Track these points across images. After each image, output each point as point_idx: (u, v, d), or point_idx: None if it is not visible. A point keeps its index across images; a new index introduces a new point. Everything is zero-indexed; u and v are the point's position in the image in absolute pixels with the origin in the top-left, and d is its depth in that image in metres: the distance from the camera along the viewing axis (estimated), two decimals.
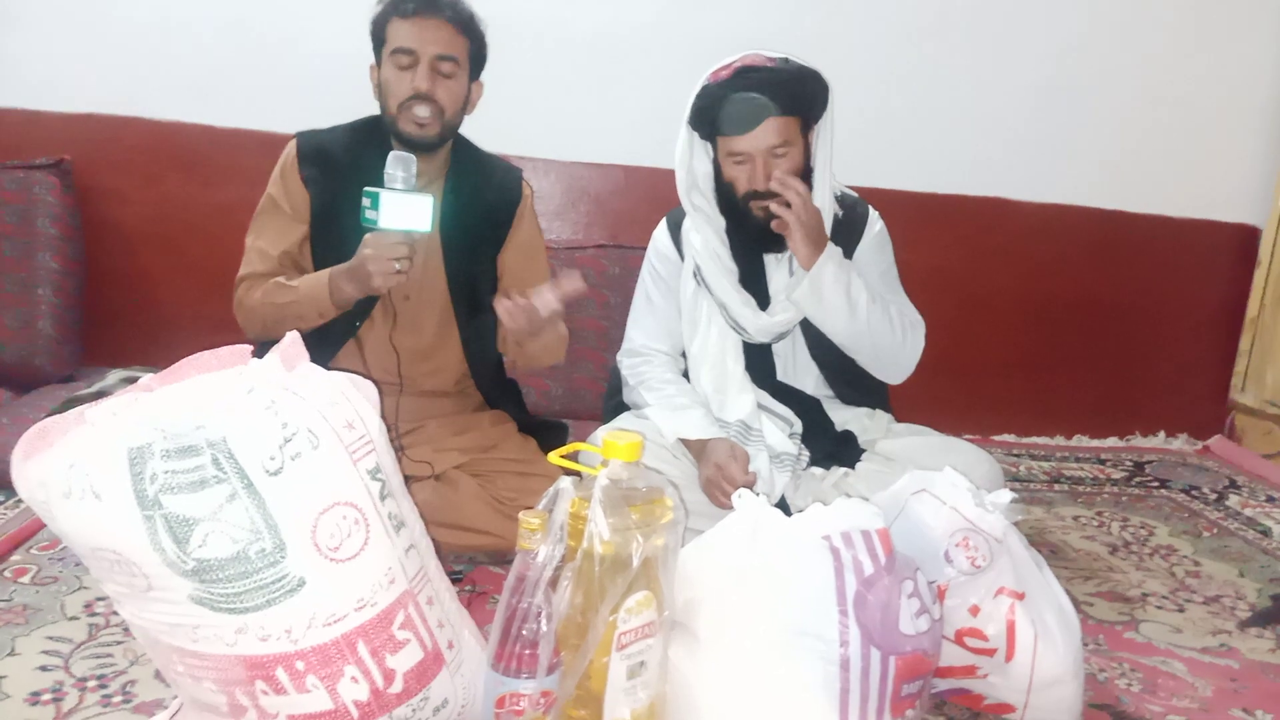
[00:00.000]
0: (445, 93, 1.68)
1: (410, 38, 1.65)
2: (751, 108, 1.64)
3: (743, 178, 1.69)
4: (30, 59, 2.39)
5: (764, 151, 1.66)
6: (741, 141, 1.66)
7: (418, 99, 1.65)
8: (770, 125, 1.65)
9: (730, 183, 1.71)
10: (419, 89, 1.65)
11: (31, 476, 1.00)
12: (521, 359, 1.81)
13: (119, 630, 1.42)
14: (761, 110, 1.64)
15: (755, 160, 1.67)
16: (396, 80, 1.67)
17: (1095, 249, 2.85)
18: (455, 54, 1.68)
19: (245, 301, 1.72)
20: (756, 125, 1.64)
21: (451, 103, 1.69)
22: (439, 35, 1.66)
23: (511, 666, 1.07)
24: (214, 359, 1.08)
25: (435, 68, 1.66)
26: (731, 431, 1.76)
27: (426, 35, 1.66)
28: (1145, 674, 1.56)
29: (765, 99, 1.64)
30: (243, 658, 0.99)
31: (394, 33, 1.67)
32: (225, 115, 2.44)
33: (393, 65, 1.67)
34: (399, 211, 1.50)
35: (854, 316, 1.70)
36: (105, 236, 2.43)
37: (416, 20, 1.66)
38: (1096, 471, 2.65)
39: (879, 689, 1.14)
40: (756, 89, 1.64)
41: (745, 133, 1.65)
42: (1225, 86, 2.84)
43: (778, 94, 1.64)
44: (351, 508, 1.03)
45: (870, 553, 1.19)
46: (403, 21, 1.66)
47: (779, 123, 1.65)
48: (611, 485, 1.11)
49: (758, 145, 1.66)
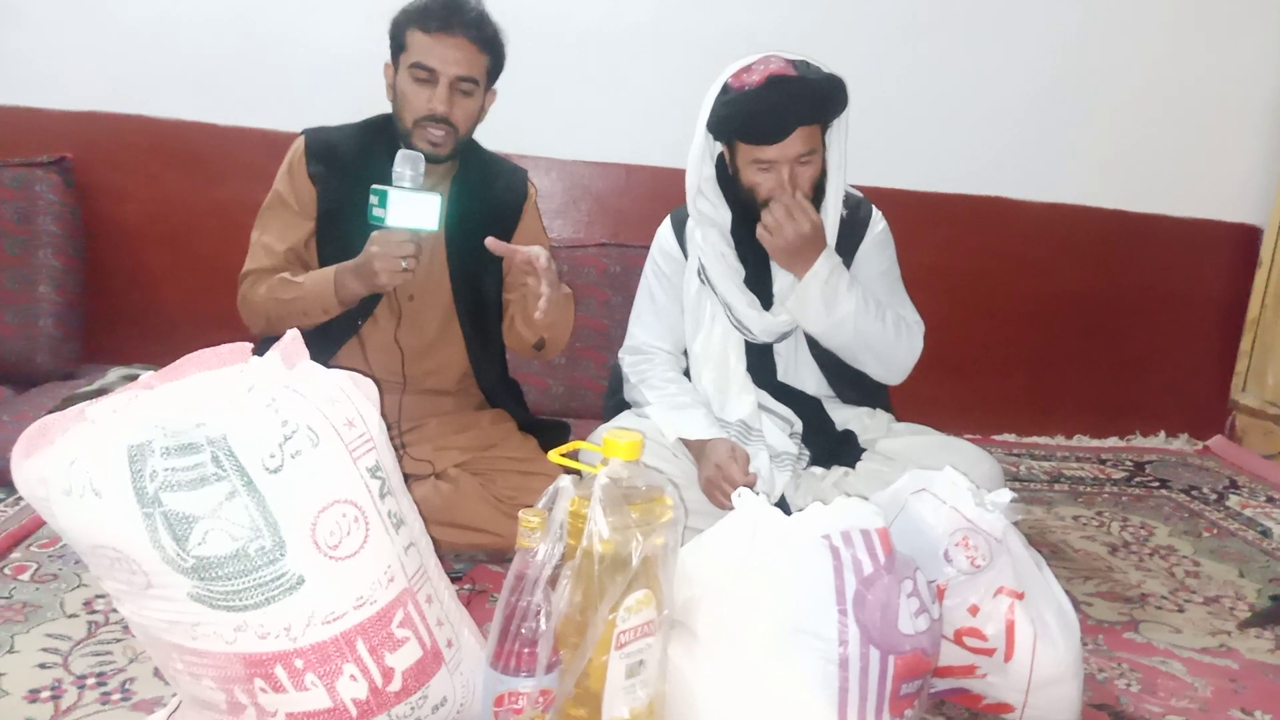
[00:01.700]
0: (461, 112, 1.66)
1: (431, 55, 1.62)
2: (783, 119, 1.63)
3: (767, 184, 1.68)
4: (32, 56, 2.39)
5: (791, 160, 1.66)
6: (770, 151, 1.65)
7: (433, 120, 1.63)
8: (799, 135, 1.64)
9: (751, 188, 1.71)
10: (435, 111, 1.63)
11: (32, 473, 1.01)
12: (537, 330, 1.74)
13: (118, 628, 1.42)
14: (793, 122, 1.63)
15: (780, 168, 1.66)
16: (414, 94, 1.64)
17: (1095, 248, 2.85)
18: (475, 74, 1.65)
19: (249, 297, 1.71)
20: (787, 136, 1.64)
21: (467, 120, 1.68)
22: (461, 56, 1.63)
23: (510, 665, 1.07)
24: (214, 356, 1.08)
25: (454, 88, 1.63)
26: (732, 431, 1.76)
27: (448, 55, 1.62)
28: (1144, 674, 1.56)
29: (797, 110, 1.63)
30: (242, 655, 1.00)
31: (414, 44, 1.63)
32: (227, 113, 2.44)
33: (410, 78, 1.64)
34: (407, 210, 1.49)
35: (840, 328, 1.72)
36: (106, 234, 2.43)
37: (439, 38, 1.62)
38: (1097, 471, 2.65)
39: (878, 688, 1.15)
40: (788, 101, 1.63)
41: (775, 143, 1.65)
42: (1226, 85, 2.83)
43: (807, 105, 1.64)
44: (351, 505, 1.03)
45: (870, 552, 1.19)
46: (424, 36, 1.62)
47: (806, 131, 1.65)
48: (611, 484, 1.11)
49: (786, 154, 1.65)
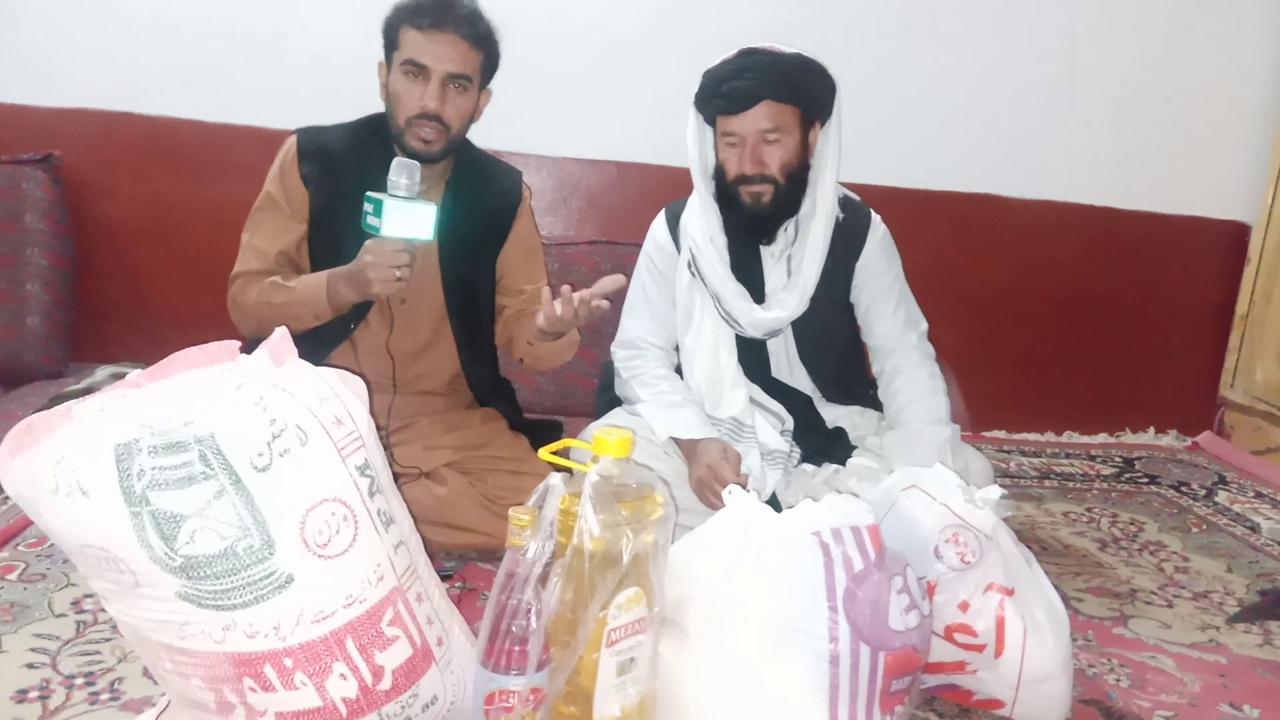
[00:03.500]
0: (454, 110, 1.64)
1: (423, 52, 1.60)
2: (747, 87, 1.63)
3: (733, 160, 1.69)
4: (20, 53, 2.37)
5: (755, 134, 1.65)
6: (734, 122, 1.66)
7: (425, 118, 1.61)
8: (764, 108, 1.64)
9: (722, 165, 1.71)
10: (427, 108, 1.61)
11: (18, 473, 1.00)
12: (532, 358, 1.78)
13: (107, 627, 1.41)
14: (756, 91, 1.63)
15: (746, 143, 1.66)
16: (406, 92, 1.62)
17: (1086, 245, 2.86)
18: (468, 71, 1.64)
19: (240, 300, 1.69)
20: (750, 106, 1.64)
21: (459, 119, 1.66)
22: (453, 53, 1.61)
23: (501, 663, 1.07)
24: (202, 355, 1.07)
25: (445, 85, 1.62)
26: (724, 429, 1.76)
27: (440, 52, 1.60)
28: (1134, 669, 1.56)
29: (761, 80, 1.63)
30: (231, 655, 0.99)
31: (406, 41, 1.62)
32: (217, 110, 2.43)
33: (402, 75, 1.62)
34: (402, 220, 1.46)
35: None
36: (95, 232, 2.42)
37: (431, 34, 1.60)
38: (1086, 468, 2.65)
39: (868, 684, 1.15)
40: (754, 70, 1.64)
41: (739, 113, 1.65)
42: (1216, 83, 2.85)
43: (774, 78, 1.64)
44: (340, 504, 1.03)
45: (860, 549, 1.19)
46: (416, 33, 1.60)
47: (774, 107, 1.65)
48: (602, 482, 1.11)
49: (749, 127, 1.65)
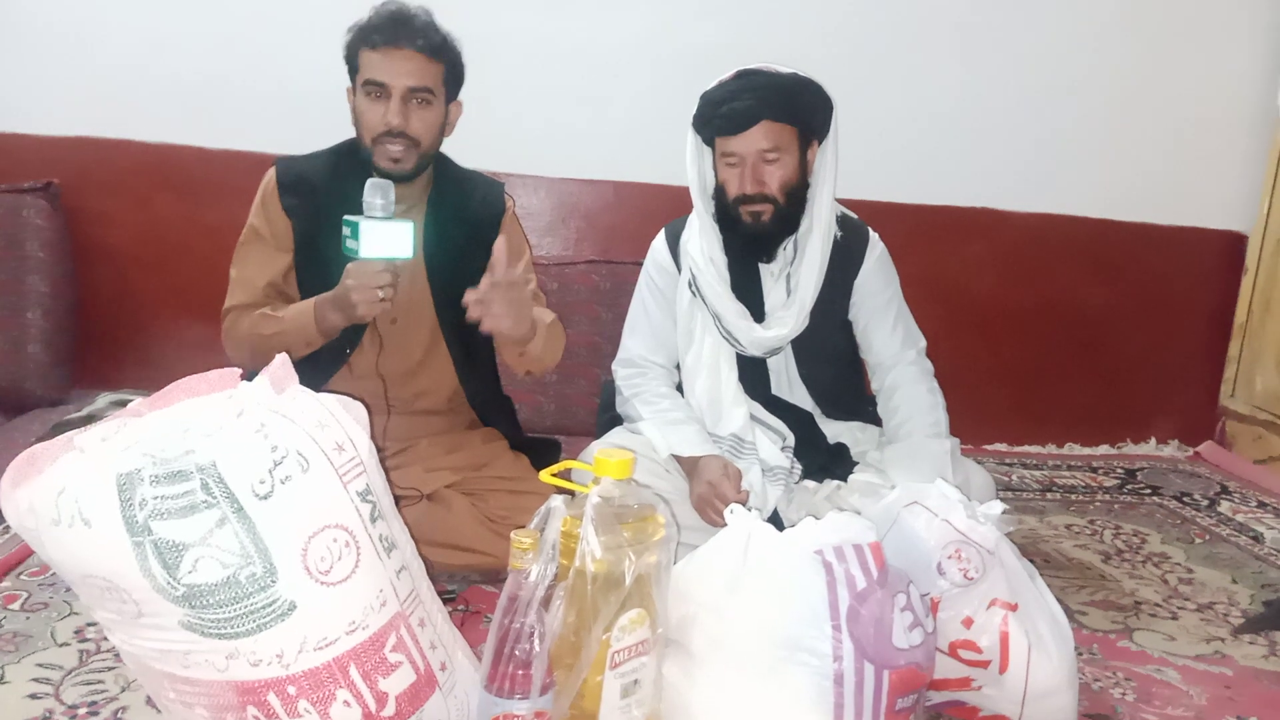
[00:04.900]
0: (420, 123, 1.65)
1: (380, 70, 1.62)
2: (745, 108, 1.64)
3: (734, 180, 1.70)
4: (18, 82, 2.39)
5: (755, 154, 1.67)
6: (733, 142, 1.67)
7: (390, 135, 1.63)
8: (763, 128, 1.65)
9: (722, 185, 1.72)
10: (391, 125, 1.62)
11: (20, 503, 1.00)
12: (526, 364, 1.77)
13: (110, 656, 1.41)
14: (755, 112, 1.64)
15: (745, 163, 1.67)
16: (369, 111, 1.64)
17: (1085, 257, 2.87)
18: (428, 84, 1.65)
19: (232, 333, 1.70)
20: (749, 127, 1.65)
21: (427, 132, 1.66)
22: (409, 67, 1.62)
23: (505, 687, 1.07)
24: (203, 383, 1.07)
25: (407, 100, 1.63)
26: (725, 446, 1.76)
27: (397, 67, 1.62)
28: (1139, 683, 1.56)
29: (760, 100, 1.64)
30: (234, 683, 0.99)
31: (364, 63, 1.64)
32: (216, 136, 2.44)
33: (365, 96, 1.64)
34: (379, 240, 1.48)
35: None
36: (95, 259, 2.43)
37: (386, 51, 1.62)
38: (1088, 479, 2.65)
39: (873, 703, 1.14)
40: (752, 91, 1.65)
41: (737, 133, 1.66)
42: (1212, 95, 2.86)
43: (773, 98, 1.65)
44: (342, 530, 1.03)
45: (862, 566, 1.19)
46: (372, 52, 1.63)
47: (772, 127, 1.66)
48: (603, 503, 1.11)
49: (749, 147, 1.66)
